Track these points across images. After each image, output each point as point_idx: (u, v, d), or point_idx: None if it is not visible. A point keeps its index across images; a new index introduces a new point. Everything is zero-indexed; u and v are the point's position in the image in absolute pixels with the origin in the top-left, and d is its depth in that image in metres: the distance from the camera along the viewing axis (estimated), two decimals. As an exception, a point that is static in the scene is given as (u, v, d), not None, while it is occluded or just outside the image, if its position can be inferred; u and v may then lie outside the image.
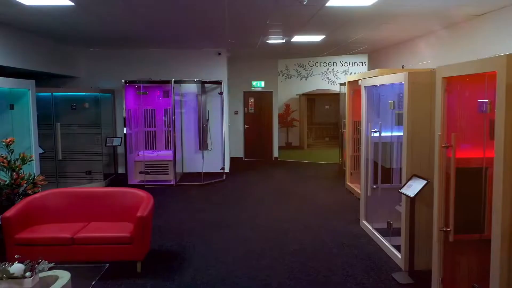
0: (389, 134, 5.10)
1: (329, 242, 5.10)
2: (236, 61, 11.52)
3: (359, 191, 7.36)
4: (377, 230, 5.28)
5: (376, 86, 5.15)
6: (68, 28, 6.66)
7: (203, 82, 8.70)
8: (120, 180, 8.78)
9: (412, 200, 3.98)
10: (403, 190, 4.05)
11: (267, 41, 8.07)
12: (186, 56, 9.35)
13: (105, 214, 4.64)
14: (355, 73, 15.20)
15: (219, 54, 9.33)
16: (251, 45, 8.69)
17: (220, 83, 9.06)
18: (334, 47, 9.41)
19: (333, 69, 15.29)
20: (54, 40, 7.92)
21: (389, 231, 4.81)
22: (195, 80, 8.60)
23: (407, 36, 7.97)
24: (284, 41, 8.05)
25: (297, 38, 7.86)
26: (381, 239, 4.96)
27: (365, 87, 5.46)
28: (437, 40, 7.28)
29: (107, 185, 8.50)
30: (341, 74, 15.29)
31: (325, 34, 7.52)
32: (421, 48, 7.96)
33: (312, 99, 15.06)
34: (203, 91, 9.11)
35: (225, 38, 7.77)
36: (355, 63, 15.28)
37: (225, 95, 9.29)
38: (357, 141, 8.03)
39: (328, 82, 15.32)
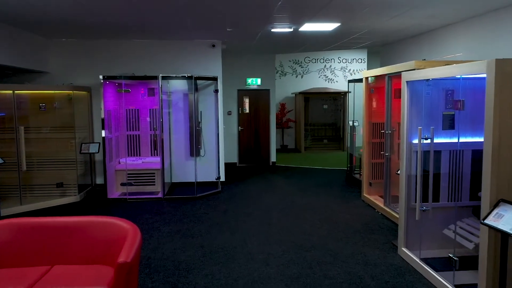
0: (447, 140, 4.02)
1: (369, 281, 3.97)
2: (229, 55, 10.33)
3: (380, 205, 6.29)
4: (425, 261, 4.19)
5: (427, 80, 4.05)
6: (34, 11, 5.36)
7: (196, 78, 7.47)
8: (98, 193, 7.50)
9: (504, 235, 2.88)
10: (490, 222, 2.95)
11: (272, 30, 6.90)
12: (174, 48, 8.11)
13: (75, 254, 3.41)
14: (355, 70, 14.21)
15: (213, 46, 8.12)
16: (251, 35, 7.51)
17: (215, 79, 7.85)
18: (343, 39, 8.30)
19: (330, 66, 14.25)
20: (17, 27, 6.58)
21: (453, 268, 3.71)
22: (186, 75, 7.36)
23: (430, 26, 6.93)
24: (291, 30, 6.90)
25: (306, 27, 6.72)
26: (437, 277, 3.85)
27: (407, 82, 4.36)
28: (472, 29, 6.25)
29: (83, 199, 7.20)
30: (339, 71, 14.26)
31: (341, 21, 6.41)
32: (446, 39, 6.93)
33: (308, 98, 13.97)
34: (195, 88, 7.89)
35: (224, 25, 6.57)
36: (354, 60, 14.29)
37: (219, 93, 8.08)
38: (377, 146, 6.95)
39: (326, 80, 14.27)
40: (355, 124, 8.75)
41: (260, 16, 5.94)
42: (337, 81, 14.25)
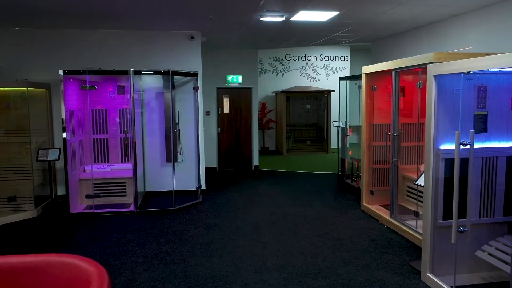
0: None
1: (399, 321, 3.22)
2: (208, 50, 9.45)
3: (385, 216, 5.59)
4: (459, 291, 3.49)
5: (467, 74, 3.34)
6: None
7: (173, 74, 6.56)
8: (59, 206, 6.47)
9: None
10: None
11: (261, 19, 6.08)
12: (148, 40, 7.16)
13: (18, 309, 2.48)
14: (337, 68, 13.62)
15: (192, 38, 7.22)
16: (236, 25, 6.66)
17: (194, 75, 6.95)
18: (335, 32, 7.59)
19: (312, 63, 13.58)
20: (-43, 11, 5.51)
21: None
22: (162, 70, 6.44)
23: (432, 17, 6.31)
24: (283, 19, 6.10)
25: (300, 16, 5.96)
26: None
27: (435, 76, 3.64)
28: (478, 21, 5.65)
29: (40, 214, 6.16)
30: (321, 69, 13.61)
31: (339, 10, 5.67)
32: (449, 32, 6.32)
33: (289, 97, 13.23)
34: (172, 85, 6.98)
35: (206, 12, 5.70)
36: (337, 57, 13.69)
37: (199, 91, 7.20)
38: (378, 150, 6.25)
39: (307, 78, 13.58)
40: (347, 124, 8.05)
41: (250, 1, 5.11)
42: (319, 80, 13.61)
